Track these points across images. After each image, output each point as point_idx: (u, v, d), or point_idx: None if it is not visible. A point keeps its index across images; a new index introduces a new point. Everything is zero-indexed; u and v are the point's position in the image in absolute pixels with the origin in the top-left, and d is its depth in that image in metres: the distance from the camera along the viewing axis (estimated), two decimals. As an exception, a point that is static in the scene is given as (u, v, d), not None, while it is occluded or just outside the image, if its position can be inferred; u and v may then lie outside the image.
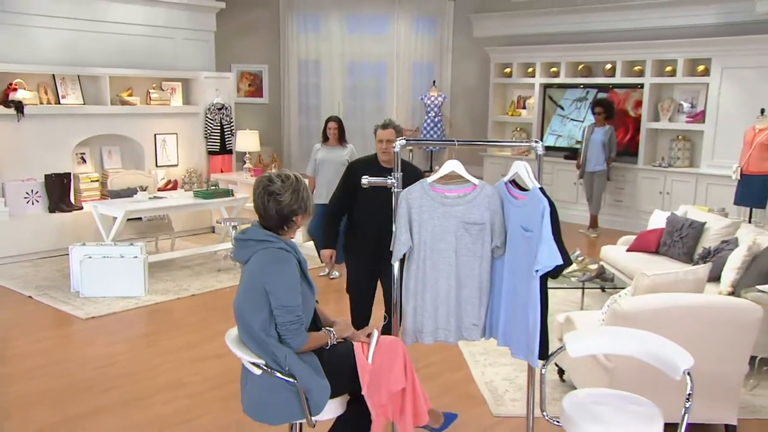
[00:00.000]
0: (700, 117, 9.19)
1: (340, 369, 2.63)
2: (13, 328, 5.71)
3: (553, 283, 4.79)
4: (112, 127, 8.73)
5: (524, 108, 11.17)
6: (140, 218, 7.72)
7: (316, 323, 2.78)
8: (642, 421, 2.60)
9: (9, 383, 4.65)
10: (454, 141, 3.37)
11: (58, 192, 8.12)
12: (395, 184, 3.08)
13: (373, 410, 2.64)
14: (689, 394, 2.54)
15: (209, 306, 6.29)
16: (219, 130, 9.61)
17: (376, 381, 2.63)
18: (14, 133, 7.83)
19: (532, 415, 3.08)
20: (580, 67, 10.38)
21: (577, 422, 2.60)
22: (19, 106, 7.77)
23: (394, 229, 3.04)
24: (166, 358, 5.06)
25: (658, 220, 6.73)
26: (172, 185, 9.14)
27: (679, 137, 9.49)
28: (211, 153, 9.65)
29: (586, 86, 10.31)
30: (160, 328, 5.79)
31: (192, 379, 4.67)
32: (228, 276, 7.14)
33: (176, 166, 9.37)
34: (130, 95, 8.96)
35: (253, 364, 2.54)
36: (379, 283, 4.45)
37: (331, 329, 2.74)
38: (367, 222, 4.22)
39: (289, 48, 11.84)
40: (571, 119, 10.53)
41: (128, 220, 7.23)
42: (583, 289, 6.15)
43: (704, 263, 5.52)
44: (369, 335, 2.75)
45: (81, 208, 8.17)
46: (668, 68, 9.44)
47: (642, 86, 9.63)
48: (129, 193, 7.88)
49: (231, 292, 2.67)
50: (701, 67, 9.11)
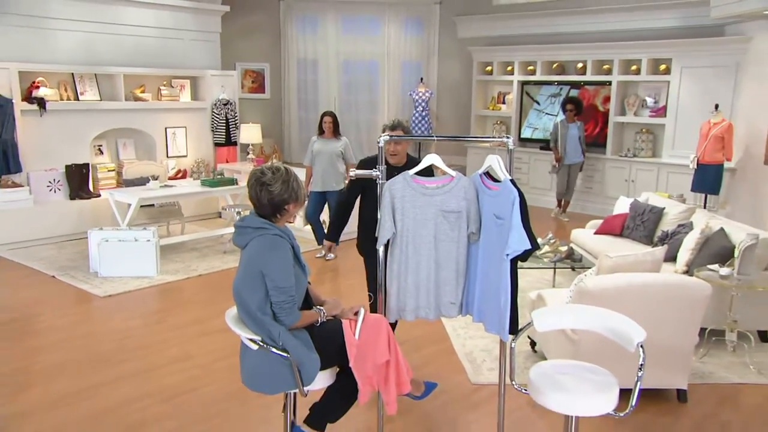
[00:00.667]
0: (661, 112, 9.23)
1: (329, 344, 2.65)
2: (39, 305, 5.73)
3: (528, 263, 4.83)
4: (126, 121, 8.70)
5: (504, 103, 11.16)
6: (152, 205, 7.71)
7: (308, 302, 2.80)
8: (599, 388, 2.64)
9: (36, 354, 4.68)
10: (433, 137, 3.39)
11: (78, 181, 8.11)
12: (379, 176, 3.09)
13: (360, 380, 2.66)
14: (641, 365, 2.58)
15: (215, 285, 6.30)
16: (224, 124, 9.59)
17: (363, 354, 2.65)
18: (37, 127, 7.81)
19: (504, 383, 3.13)
20: (555, 65, 10.38)
21: (542, 390, 2.64)
22: (42, 103, 7.74)
23: (378, 217, 3.06)
24: (176, 333, 5.08)
25: (622, 206, 6.77)
26: (181, 174, 9.12)
27: (643, 130, 9.53)
28: (217, 145, 9.62)
29: (560, 83, 10.32)
30: (170, 305, 5.81)
31: (199, 352, 4.70)
32: (232, 258, 7.15)
33: (185, 156, 9.35)
34: (143, 92, 8.92)
35: (251, 340, 2.56)
36: None
37: (321, 308, 2.75)
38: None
39: (288, 48, 11.79)
40: (546, 113, 10.54)
41: (141, 206, 7.22)
42: (555, 268, 6.19)
43: (662, 245, 5.58)
44: (356, 313, 2.76)
45: (99, 196, 8.16)
46: (633, 67, 9.45)
47: (610, 83, 9.65)
48: (142, 181, 7.87)
49: (235, 272, 2.68)
50: (663, 66, 9.14)
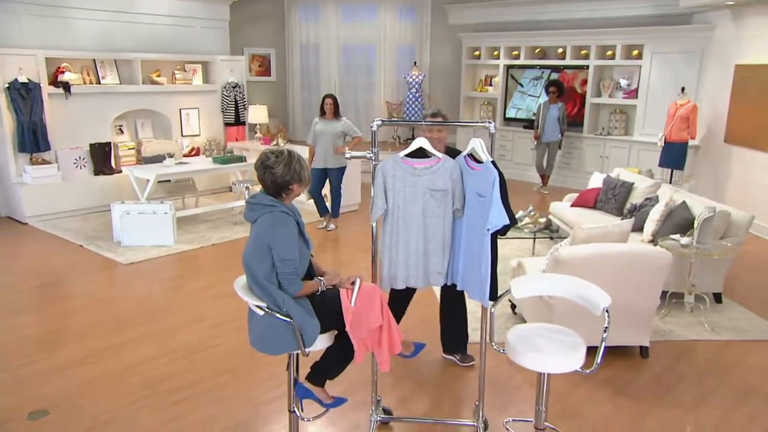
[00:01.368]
0: (633, 94, 9.19)
1: (329, 310, 2.68)
2: (69, 272, 5.78)
3: (511, 233, 4.85)
4: (144, 103, 8.64)
5: (491, 85, 11.09)
6: (169, 180, 7.73)
7: (311, 273, 2.82)
8: (568, 348, 2.69)
9: (67, 316, 4.75)
10: (422, 122, 3.39)
11: (101, 158, 8.09)
12: (373, 158, 3.10)
13: (355, 342, 2.70)
14: (606, 327, 2.63)
15: (227, 253, 6.34)
16: (233, 105, 9.53)
17: (358, 320, 2.69)
18: (63, 109, 7.76)
19: (485, 343, 3.19)
20: (537, 50, 10.28)
21: (518, 350, 2.69)
22: (67, 86, 7.68)
23: (372, 195, 3.07)
24: (191, 297, 5.14)
25: (596, 181, 6.78)
26: (195, 152, 9.10)
27: (617, 110, 9.49)
28: (227, 124, 9.57)
29: (542, 67, 10.23)
30: (186, 271, 5.86)
31: (213, 314, 4.76)
32: (242, 228, 7.19)
33: (198, 135, 9.31)
34: (159, 76, 8.84)
35: (258, 306, 2.59)
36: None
37: (322, 278, 2.78)
38: None
39: (292, 34, 11.65)
40: (529, 95, 10.48)
41: (159, 181, 7.23)
42: (534, 238, 6.24)
43: (630, 217, 5.62)
44: (353, 283, 2.78)
45: (120, 172, 8.15)
46: (609, 52, 9.37)
47: (588, 67, 9.58)
48: (159, 159, 7.87)
49: (245, 242, 2.70)
50: (636, 52, 9.07)
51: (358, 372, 3.29)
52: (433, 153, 3.10)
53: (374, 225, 3.13)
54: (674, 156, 7.86)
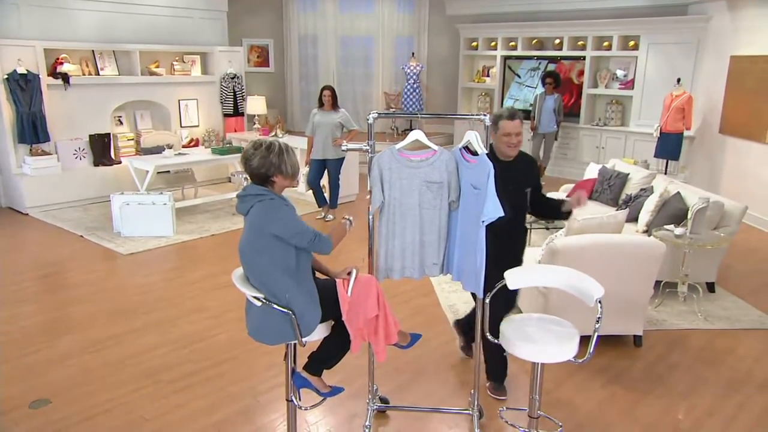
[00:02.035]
0: (630, 85, 9.18)
1: (326, 300, 2.68)
2: (69, 262, 5.79)
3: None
4: (143, 94, 8.62)
5: (488, 76, 11.07)
6: (168, 171, 7.71)
7: (312, 267, 2.81)
8: (562, 338, 2.71)
9: (68, 305, 4.76)
10: (417, 114, 3.39)
11: (101, 149, 8.08)
12: (369, 150, 3.10)
13: (352, 332, 2.71)
14: (598, 318, 2.65)
15: (226, 244, 6.36)
16: (232, 96, 9.50)
17: (354, 310, 2.70)
18: (63, 100, 7.74)
19: (479, 334, 3.21)
20: (534, 41, 10.26)
21: (512, 341, 2.71)
22: (66, 77, 7.66)
23: (369, 187, 3.08)
24: (191, 287, 5.15)
25: (592, 171, 6.79)
26: (194, 143, 9.08)
27: (613, 101, 9.49)
28: (226, 115, 9.55)
29: (539, 58, 10.21)
30: (186, 262, 5.87)
31: (213, 304, 4.77)
32: (241, 219, 7.15)
33: (197, 126, 9.29)
34: (157, 67, 8.81)
35: (255, 297, 2.60)
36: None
37: (348, 218, 2.91)
38: (498, 223, 2.92)
39: (290, 25, 11.61)
40: (526, 86, 10.46)
41: (158, 172, 7.23)
42: (531, 228, 6.22)
43: (625, 208, 5.64)
44: (349, 273, 2.78)
45: (119, 163, 8.14)
46: (606, 43, 9.36)
47: (584, 58, 9.56)
48: (158, 150, 7.86)
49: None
50: (632, 43, 9.06)
51: (356, 362, 3.31)
52: (430, 146, 3.11)
53: (371, 217, 3.14)
54: (670, 147, 7.86)
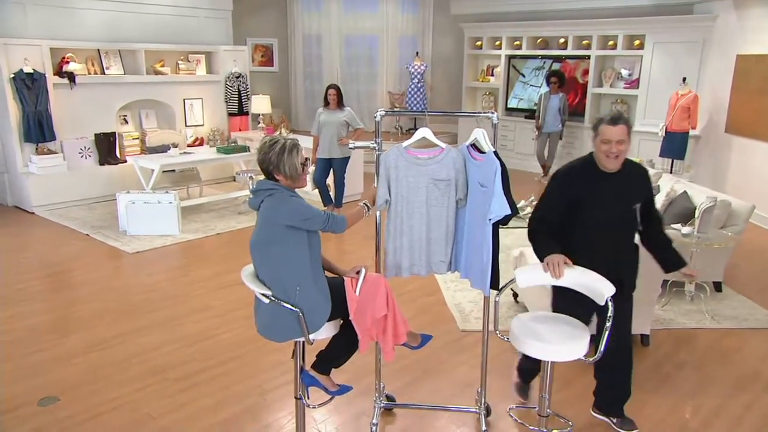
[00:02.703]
0: (635, 84, 9.14)
1: (334, 299, 2.67)
2: (75, 260, 5.79)
3: (513, 223, 4.82)
4: (148, 93, 8.63)
5: (492, 75, 11.05)
6: (173, 170, 7.71)
7: (321, 264, 2.80)
8: (572, 336, 2.69)
9: (74, 304, 4.76)
10: (425, 112, 3.37)
11: (106, 148, 8.09)
12: (376, 148, 3.09)
13: (360, 332, 2.69)
14: (610, 316, 2.63)
15: (232, 242, 6.35)
16: (237, 95, 9.50)
17: (362, 309, 2.68)
18: (68, 99, 7.75)
19: (487, 331, 3.20)
20: (539, 40, 10.23)
21: (522, 338, 2.69)
22: (71, 76, 7.67)
23: (374, 184, 3.06)
24: (197, 286, 5.14)
25: (598, 171, 6.75)
26: (199, 142, 9.09)
27: (618, 100, 9.46)
28: (230, 114, 9.55)
29: (544, 57, 10.19)
30: (192, 261, 5.86)
31: (218, 303, 4.76)
32: (246, 218, 7.19)
33: (202, 125, 9.29)
34: (162, 66, 8.81)
35: (263, 294, 2.60)
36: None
37: (366, 203, 2.96)
38: (598, 242, 2.84)
39: (295, 24, 11.61)
40: (531, 85, 10.44)
41: (163, 171, 7.24)
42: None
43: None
44: (358, 272, 2.76)
45: (125, 162, 8.15)
46: (611, 42, 9.33)
47: (589, 57, 9.54)
48: (163, 149, 7.87)
49: (250, 231, 2.65)
50: (637, 42, 9.02)
51: (364, 360, 3.29)
52: (438, 143, 3.09)
53: (378, 214, 3.13)
54: (675, 146, 7.83)
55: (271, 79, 11.47)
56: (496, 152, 2.93)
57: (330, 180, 7.15)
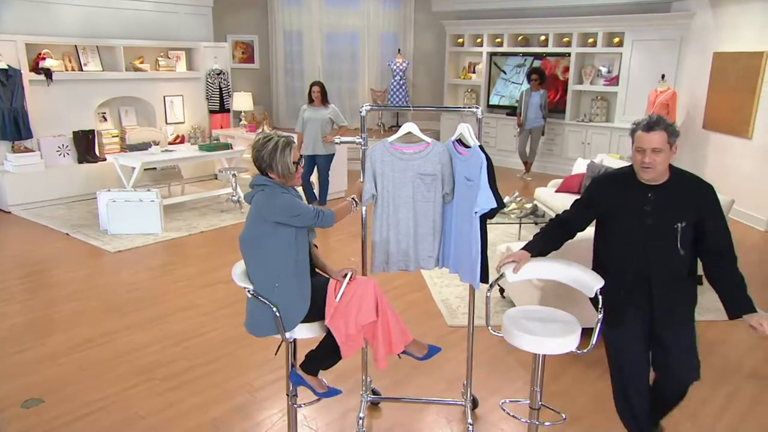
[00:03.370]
0: (614, 81, 9.25)
1: (316, 300, 2.65)
2: (55, 260, 5.70)
3: (497, 219, 4.85)
4: (127, 90, 8.51)
5: (474, 72, 11.09)
6: (154, 168, 7.62)
7: (312, 263, 2.78)
8: (564, 329, 2.70)
9: (54, 304, 4.68)
10: (410, 107, 3.38)
11: (85, 146, 7.97)
12: (362, 143, 3.09)
13: (338, 337, 2.61)
14: (602, 308, 2.64)
15: (215, 241, 6.29)
16: (218, 92, 9.42)
17: (342, 315, 2.60)
18: (45, 96, 7.61)
19: (473, 326, 3.21)
20: (520, 38, 10.29)
21: (514, 333, 2.70)
22: (48, 73, 7.54)
23: (360, 180, 3.05)
24: (181, 284, 5.09)
25: (580, 167, 6.84)
26: (180, 139, 8.99)
27: (598, 97, 9.56)
28: (212, 112, 9.46)
29: (525, 54, 10.25)
30: (175, 259, 5.80)
31: (203, 301, 4.72)
32: (229, 216, 7.13)
33: (183, 123, 9.19)
34: (142, 63, 8.70)
35: (246, 289, 2.60)
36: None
37: (354, 198, 2.97)
38: (627, 260, 2.64)
39: (275, 20, 11.52)
40: (512, 82, 10.50)
41: (144, 169, 7.14)
42: (520, 223, 6.27)
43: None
44: (345, 276, 2.74)
45: (104, 160, 8.03)
46: (590, 40, 9.42)
47: (569, 55, 9.62)
48: (144, 146, 7.77)
49: (233, 229, 2.64)
50: (617, 39, 9.12)
51: (355, 357, 3.29)
52: (423, 138, 3.10)
53: (364, 210, 3.12)
54: (654, 142, 7.92)
55: (252, 76, 11.38)
56: (481, 146, 2.94)
57: (315, 177, 7.12)
